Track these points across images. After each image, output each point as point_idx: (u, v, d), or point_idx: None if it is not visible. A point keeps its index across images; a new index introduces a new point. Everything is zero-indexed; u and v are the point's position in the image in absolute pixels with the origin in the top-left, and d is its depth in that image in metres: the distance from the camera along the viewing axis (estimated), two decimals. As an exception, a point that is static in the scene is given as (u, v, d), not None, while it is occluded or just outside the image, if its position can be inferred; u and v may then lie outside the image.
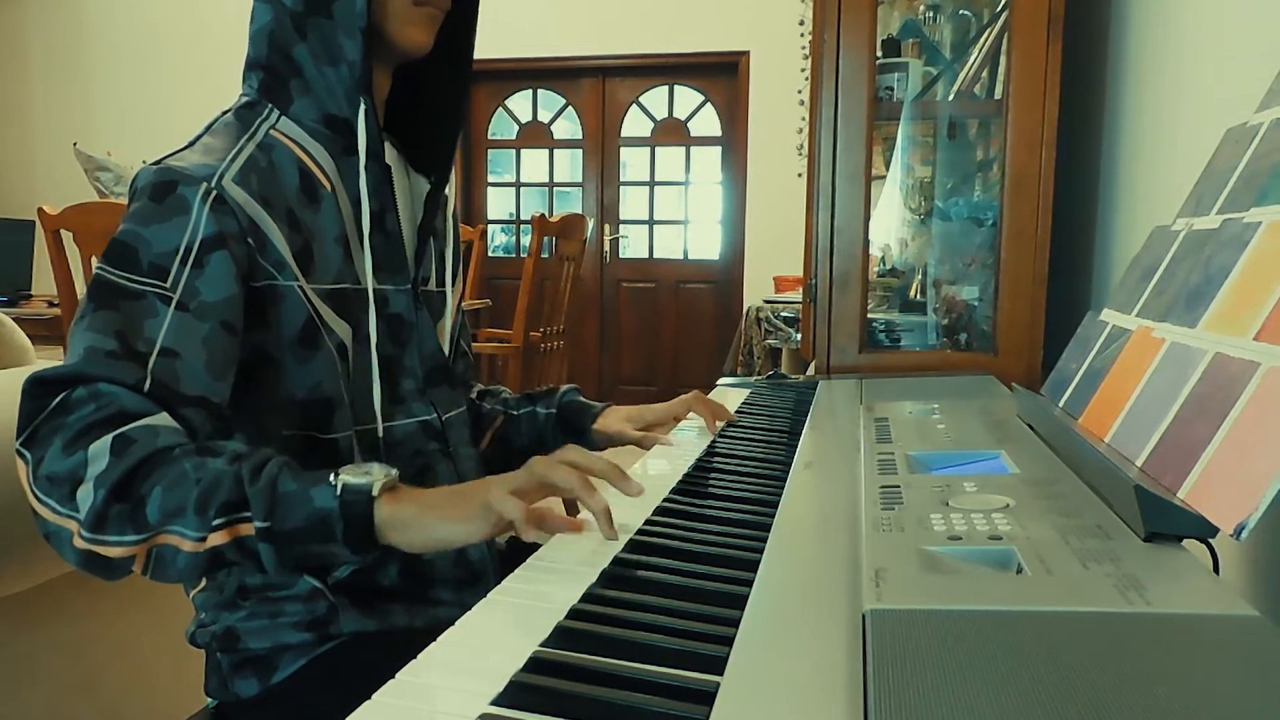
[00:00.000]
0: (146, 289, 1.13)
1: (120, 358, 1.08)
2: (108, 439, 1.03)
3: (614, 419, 1.64)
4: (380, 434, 1.33)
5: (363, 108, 1.29)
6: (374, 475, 1.06)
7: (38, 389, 1.06)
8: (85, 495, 1.01)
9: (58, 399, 1.05)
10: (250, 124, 1.29)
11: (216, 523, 1.02)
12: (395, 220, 1.37)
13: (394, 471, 1.08)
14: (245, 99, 1.33)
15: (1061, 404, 1.38)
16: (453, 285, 1.55)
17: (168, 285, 1.13)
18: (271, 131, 1.29)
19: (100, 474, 1.01)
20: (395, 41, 1.31)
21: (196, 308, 1.14)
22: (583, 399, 1.70)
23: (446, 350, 1.50)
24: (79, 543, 1.02)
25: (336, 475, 1.05)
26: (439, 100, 1.49)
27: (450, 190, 1.52)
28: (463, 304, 1.68)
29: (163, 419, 1.08)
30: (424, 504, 1.08)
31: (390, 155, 1.41)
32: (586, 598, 0.88)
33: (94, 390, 1.06)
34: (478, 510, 1.05)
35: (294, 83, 1.31)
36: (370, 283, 1.31)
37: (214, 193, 1.17)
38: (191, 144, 1.26)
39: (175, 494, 1.02)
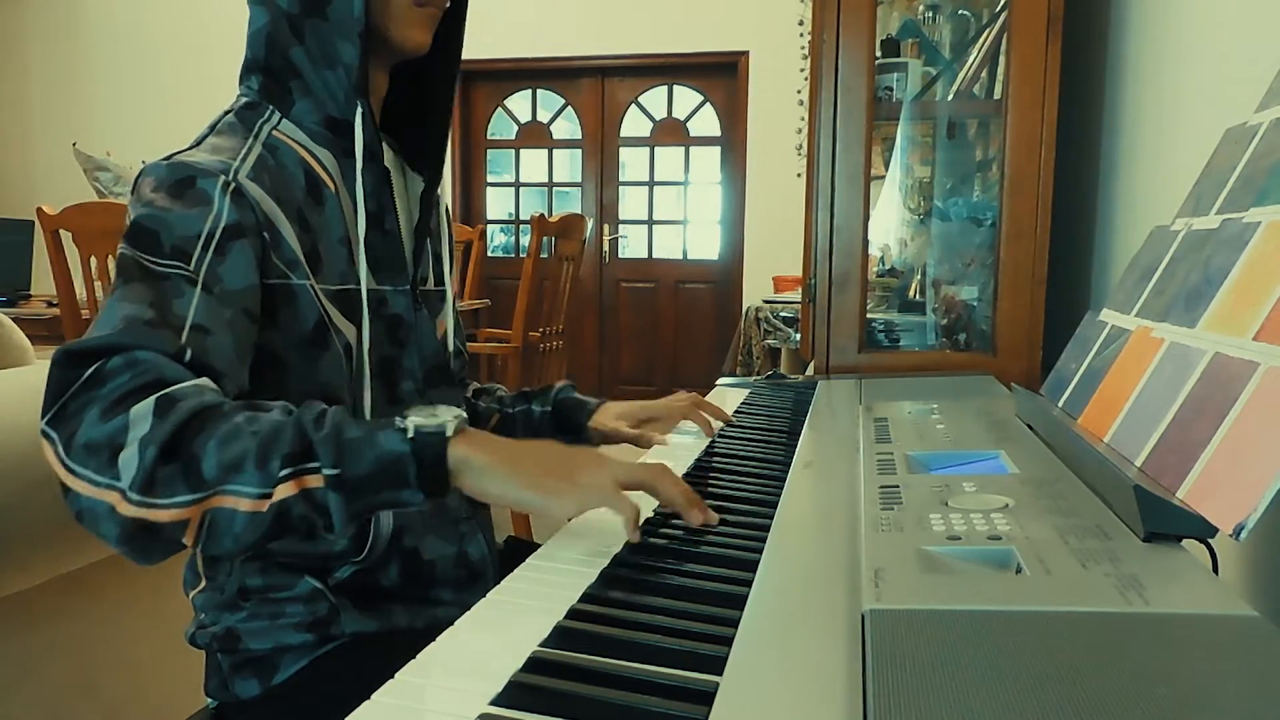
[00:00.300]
0: (170, 270, 1.10)
1: (158, 326, 1.04)
2: (150, 400, 0.96)
3: (608, 416, 1.63)
4: None
5: (359, 111, 1.29)
6: (443, 416, 1.03)
7: (68, 359, 0.99)
8: (130, 458, 0.94)
9: (90, 370, 0.98)
10: (253, 125, 1.28)
11: (283, 474, 0.96)
12: (394, 221, 1.37)
13: (463, 414, 1.05)
14: (245, 100, 1.32)
15: (1061, 404, 1.38)
16: (448, 283, 1.54)
17: (191, 268, 1.11)
18: (274, 133, 1.29)
19: (145, 435, 0.94)
20: (396, 43, 1.31)
21: (220, 293, 1.12)
22: (578, 395, 1.69)
23: (450, 346, 1.50)
24: (125, 509, 0.94)
25: (404, 419, 1.02)
26: (431, 98, 1.49)
27: (443, 190, 1.51)
28: (457, 302, 1.67)
29: (206, 383, 1.03)
30: (504, 456, 1.05)
31: (388, 156, 1.41)
32: (586, 598, 0.88)
33: (130, 358, 0.99)
34: (580, 490, 1.03)
35: (294, 85, 1.30)
36: (365, 285, 1.31)
37: (232, 185, 1.16)
38: (199, 143, 1.25)
39: (232, 447, 0.96)
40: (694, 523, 1.06)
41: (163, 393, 0.98)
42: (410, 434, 1.00)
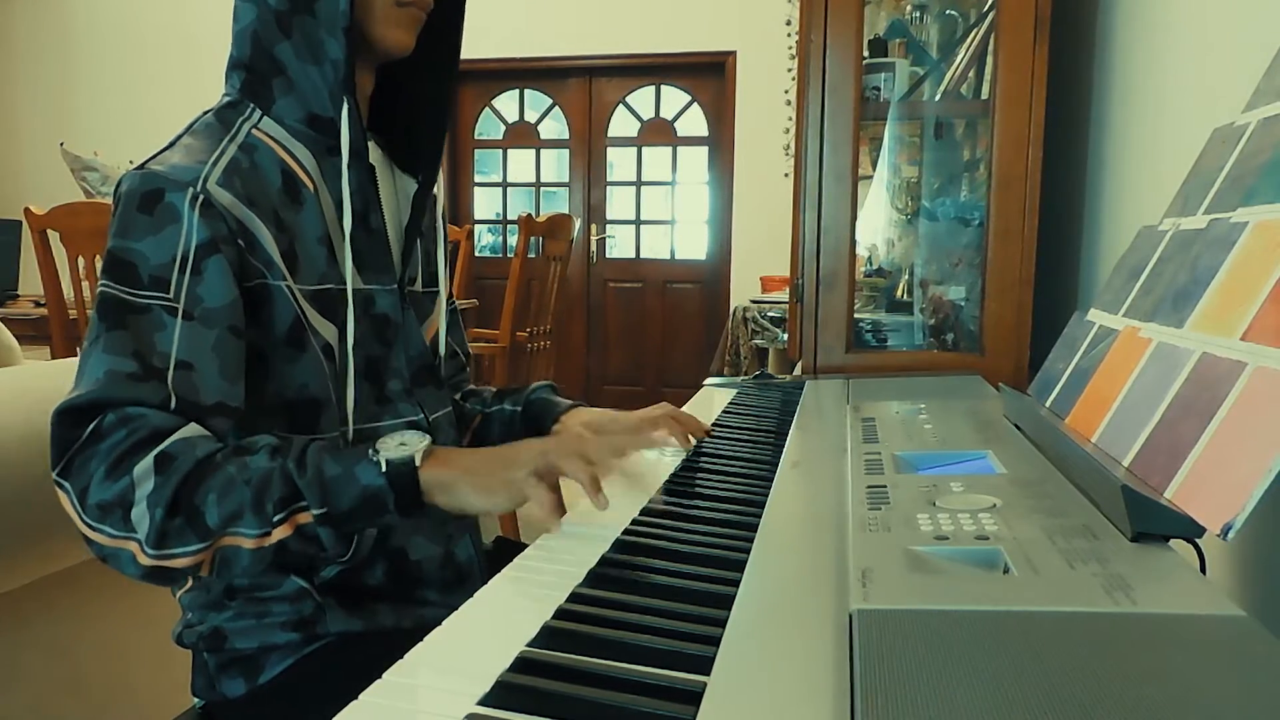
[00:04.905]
0: (151, 302, 1.13)
1: (142, 379, 1.10)
2: (149, 459, 1.06)
3: (574, 423, 1.59)
4: (350, 436, 1.32)
5: (346, 107, 1.28)
6: (412, 445, 1.12)
7: (67, 418, 1.08)
8: (141, 516, 1.05)
9: (90, 427, 1.07)
10: (232, 124, 1.28)
11: (277, 519, 1.08)
12: (380, 220, 1.37)
13: (428, 438, 1.14)
14: (227, 99, 1.32)
15: (1048, 404, 1.38)
16: (441, 285, 1.54)
17: (171, 296, 1.14)
18: (254, 131, 1.28)
19: (151, 494, 1.05)
20: (377, 41, 1.31)
21: (201, 315, 1.15)
22: (551, 397, 1.66)
23: (441, 349, 1.50)
24: (144, 560, 1.05)
25: (376, 452, 1.11)
26: (426, 99, 1.49)
27: (439, 190, 1.51)
28: (454, 304, 1.66)
29: (193, 430, 1.11)
30: (462, 468, 1.14)
31: (375, 155, 1.41)
32: (573, 598, 0.88)
33: (123, 415, 1.08)
34: (503, 486, 1.12)
35: (277, 82, 1.30)
36: (350, 283, 1.31)
37: (201, 197, 1.16)
38: (172, 145, 1.25)
39: (230, 499, 1.07)
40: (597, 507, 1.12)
41: (159, 450, 1.07)
42: (384, 468, 1.10)
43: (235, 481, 1.07)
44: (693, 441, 1.53)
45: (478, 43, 7.22)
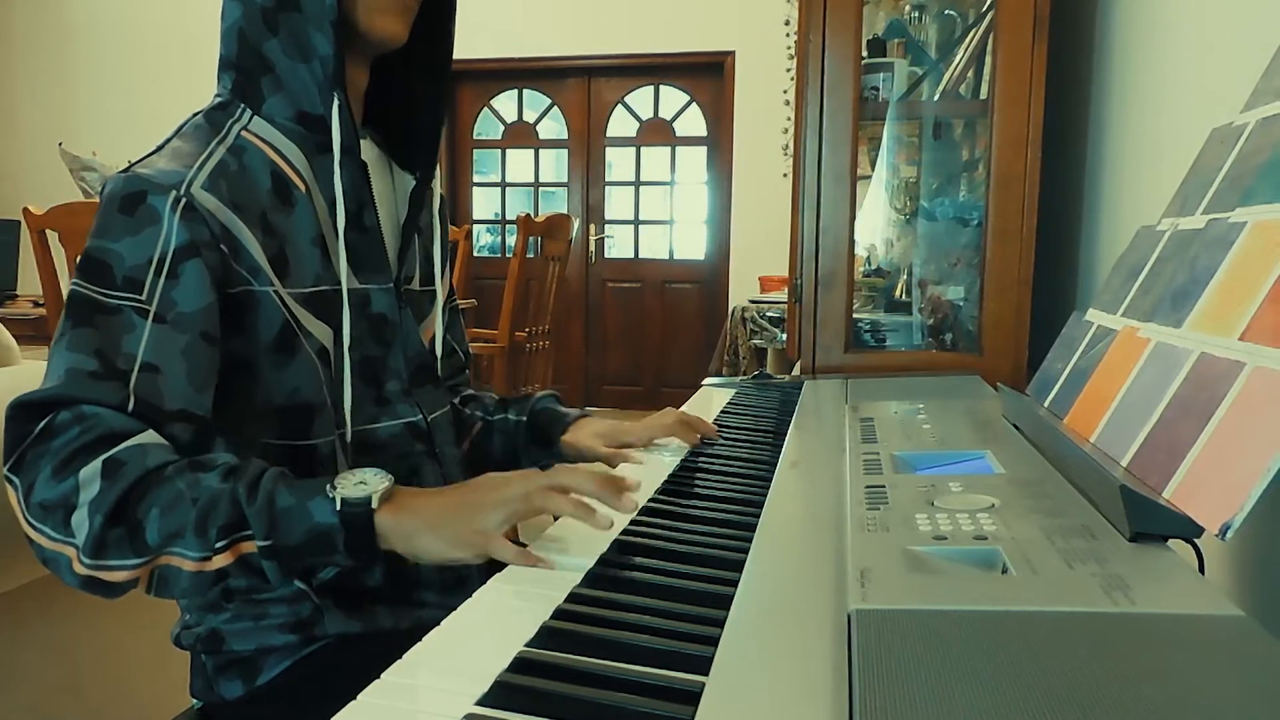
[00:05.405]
0: (122, 303, 1.11)
1: (102, 378, 1.07)
2: (98, 463, 1.02)
3: (585, 433, 1.58)
4: (349, 438, 1.31)
5: (336, 102, 1.27)
6: (370, 485, 1.06)
7: (21, 414, 1.05)
8: (80, 521, 1.01)
9: (42, 424, 1.05)
10: (221, 126, 1.26)
11: (219, 545, 1.03)
12: (374, 217, 1.35)
13: (390, 479, 1.09)
14: (218, 100, 1.31)
15: (1047, 404, 1.38)
16: (441, 283, 1.53)
17: (143, 298, 1.12)
18: (243, 133, 1.27)
19: (94, 499, 1.01)
20: (367, 33, 1.29)
21: (174, 319, 1.12)
22: (557, 407, 1.65)
23: (437, 350, 1.49)
24: (79, 568, 1.02)
25: (333, 488, 1.05)
26: (422, 95, 1.48)
27: (436, 185, 1.50)
28: (455, 302, 1.65)
29: (150, 437, 1.08)
30: (423, 515, 1.07)
31: (370, 152, 1.40)
32: (572, 598, 0.88)
33: (78, 413, 1.05)
34: (467, 541, 1.05)
35: (265, 80, 1.28)
36: (345, 282, 1.30)
37: (183, 200, 1.15)
38: (160, 148, 1.23)
39: (173, 516, 1.02)
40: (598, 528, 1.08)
41: (109, 454, 1.04)
42: (337, 506, 1.04)
43: (182, 498, 1.03)
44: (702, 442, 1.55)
45: (475, 42, 7.24)
